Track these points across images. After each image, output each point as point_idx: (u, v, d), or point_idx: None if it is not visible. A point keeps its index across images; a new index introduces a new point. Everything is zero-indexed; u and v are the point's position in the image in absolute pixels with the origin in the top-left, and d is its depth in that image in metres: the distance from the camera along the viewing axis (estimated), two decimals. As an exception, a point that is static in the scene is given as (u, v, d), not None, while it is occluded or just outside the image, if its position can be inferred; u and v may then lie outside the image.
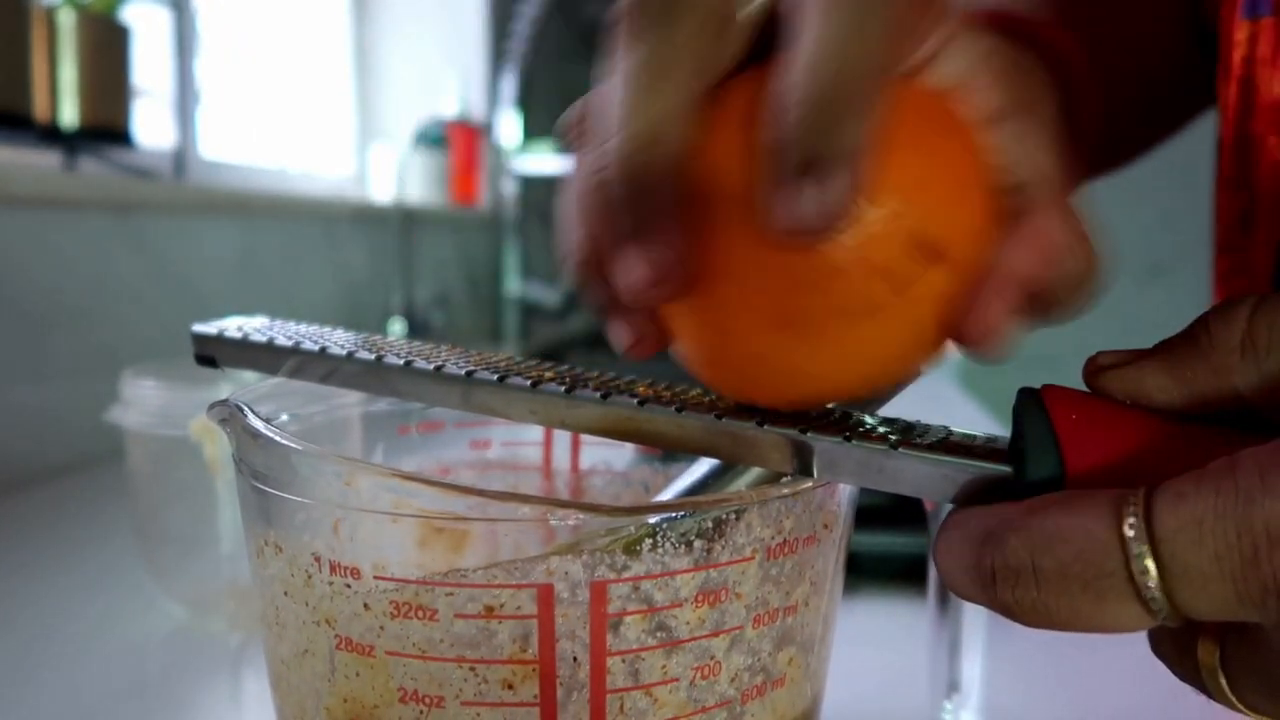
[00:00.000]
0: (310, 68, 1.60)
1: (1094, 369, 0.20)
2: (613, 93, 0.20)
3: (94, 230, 0.85)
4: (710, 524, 0.21)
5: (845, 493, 0.24)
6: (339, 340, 0.26)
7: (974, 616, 0.31)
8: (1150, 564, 0.16)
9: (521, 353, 1.53)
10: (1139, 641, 0.19)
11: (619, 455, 0.35)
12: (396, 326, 1.40)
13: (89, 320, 0.83)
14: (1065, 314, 0.22)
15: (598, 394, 0.23)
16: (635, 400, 0.22)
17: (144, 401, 0.48)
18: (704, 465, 0.27)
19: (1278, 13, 0.34)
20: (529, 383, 0.23)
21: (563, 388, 0.23)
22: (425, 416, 0.34)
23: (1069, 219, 0.22)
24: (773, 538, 0.22)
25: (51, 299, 0.79)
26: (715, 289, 0.20)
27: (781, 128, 0.18)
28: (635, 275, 0.20)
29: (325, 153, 1.62)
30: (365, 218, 1.39)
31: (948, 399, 1.17)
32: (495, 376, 0.24)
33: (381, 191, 1.56)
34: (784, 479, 0.23)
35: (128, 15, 1.00)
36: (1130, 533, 0.16)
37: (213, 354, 0.27)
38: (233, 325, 0.27)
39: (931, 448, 0.20)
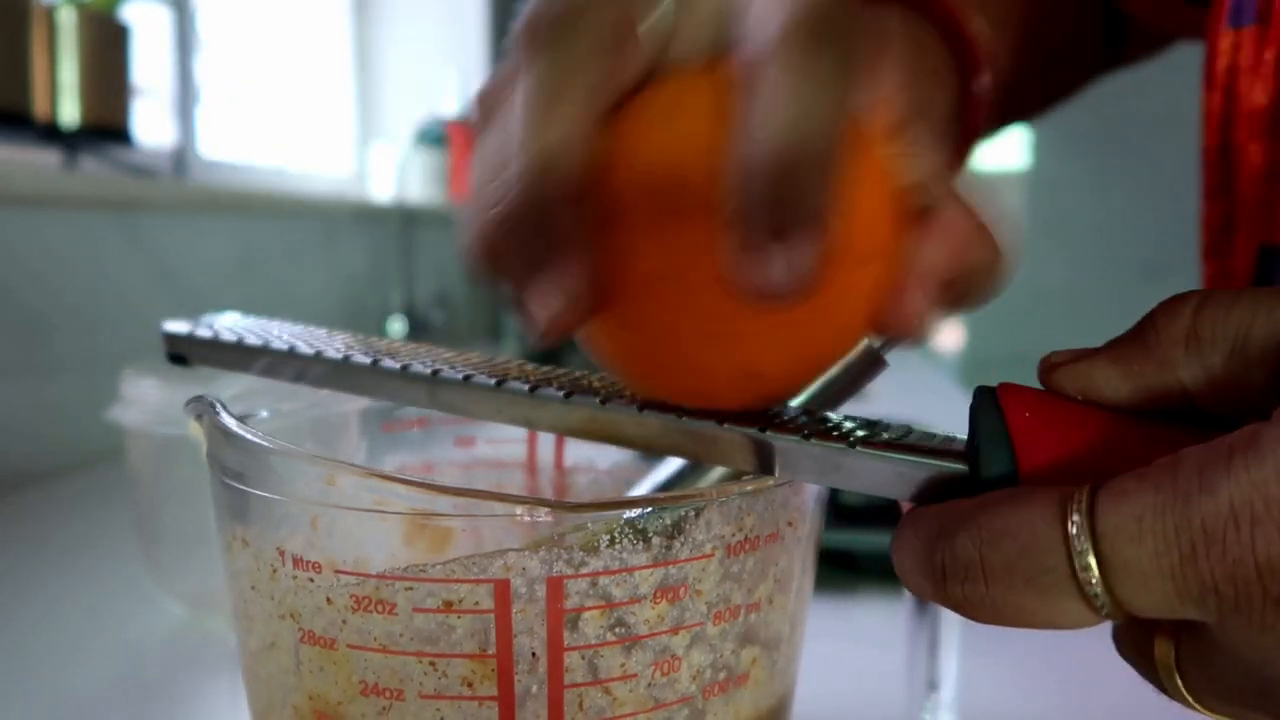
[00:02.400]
0: (310, 66, 1.60)
1: (1047, 367, 0.20)
2: (515, 109, 0.20)
3: (94, 229, 0.86)
4: (669, 521, 0.21)
5: (811, 491, 0.25)
6: (311, 339, 0.27)
7: (951, 615, 0.31)
8: (1092, 560, 0.16)
9: (520, 352, 1.54)
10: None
11: (603, 453, 0.35)
12: (396, 325, 1.41)
13: (89, 319, 0.83)
14: (979, 300, 0.23)
15: (561, 393, 0.23)
16: (598, 399, 0.23)
17: (144, 400, 0.48)
18: (675, 461, 0.27)
19: (1261, 20, 0.34)
20: (494, 381, 0.24)
21: (527, 386, 0.23)
22: (410, 414, 0.34)
23: (970, 210, 0.22)
24: (733, 535, 0.22)
25: (51, 298, 0.80)
26: (637, 308, 0.21)
27: (749, 194, 0.18)
28: (549, 306, 0.20)
29: (325, 152, 1.62)
30: (365, 217, 1.40)
31: (947, 397, 1.17)
32: (461, 376, 0.24)
33: (382, 190, 1.56)
34: (746, 476, 0.23)
35: (128, 14, 1.00)
36: (1073, 529, 0.17)
37: (184, 353, 0.27)
38: (204, 324, 0.28)
39: (889, 446, 0.20)
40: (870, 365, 0.24)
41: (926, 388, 1.23)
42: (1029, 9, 0.40)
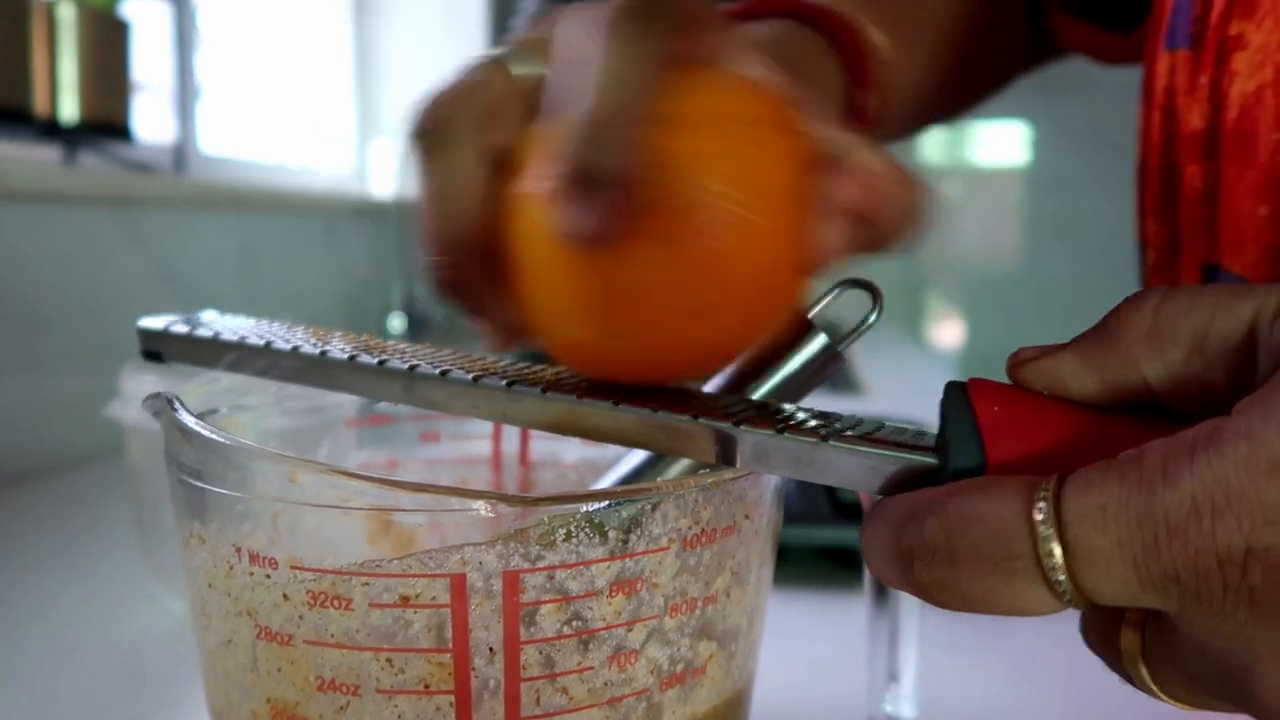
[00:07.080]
0: (311, 62, 1.60)
1: (1015, 362, 0.20)
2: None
3: (94, 225, 0.86)
4: (625, 514, 0.21)
5: (768, 484, 0.25)
6: (287, 335, 0.27)
7: (910, 607, 0.31)
8: (1056, 547, 0.17)
9: (518, 352, 1.54)
10: (1076, 629, 0.20)
11: (568, 448, 0.35)
12: (397, 322, 1.41)
13: (89, 315, 0.84)
14: (900, 240, 0.24)
15: (537, 389, 0.23)
16: (574, 395, 0.23)
17: (144, 396, 0.48)
18: (639, 453, 0.27)
19: (1194, 45, 0.34)
20: (471, 377, 0.24)
21: (504, 382, 0.23)
22: (376, 410, 0.34)
23: (884, 157, 0.23)
24: (689, 528, 0.22)
25: (51, 294, 0.80)
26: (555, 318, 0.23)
27: (565, 147, 0.20)
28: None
29: (326, 148, 1.62)
30: (365, 213, 1.40)
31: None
32: (437, 371, 0.24)
33: (382, 187, 1.56)
34: (704, 469, 0.23)
35: (127, 10, 1.00)
36: (1039, 516, 0.17)
37: (158, 349, 0.27)
38: (179, 320, 0.28)
39: (860, 439, 0.20)
40: (827, 361, 0.25)
41: (925, 383, 1.23)
42: (953, 26, 0.42)
